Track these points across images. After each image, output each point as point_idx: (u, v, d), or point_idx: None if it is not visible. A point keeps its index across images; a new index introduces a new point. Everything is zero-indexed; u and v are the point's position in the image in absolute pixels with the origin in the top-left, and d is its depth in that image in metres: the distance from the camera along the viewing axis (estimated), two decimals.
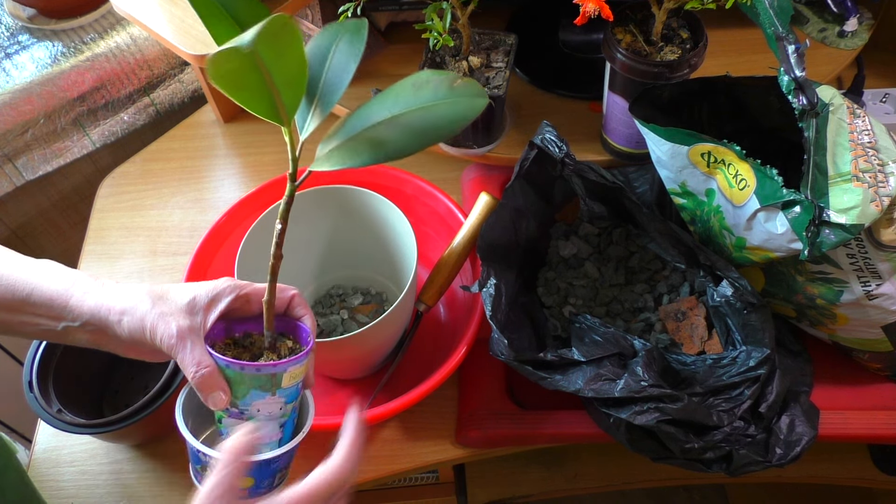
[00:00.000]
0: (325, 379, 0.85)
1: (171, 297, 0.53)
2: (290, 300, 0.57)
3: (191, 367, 0.51)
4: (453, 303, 0.89)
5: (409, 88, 0.47)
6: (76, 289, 0.54)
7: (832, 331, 0.77)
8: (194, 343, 0.52)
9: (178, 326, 0.52)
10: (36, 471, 0.81)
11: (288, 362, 0.52)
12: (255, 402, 0.52)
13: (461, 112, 0.45)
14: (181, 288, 0.54)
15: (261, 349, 0.54)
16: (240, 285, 0.55)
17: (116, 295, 0.54)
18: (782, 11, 0.68)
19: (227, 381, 0.52)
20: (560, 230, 0.90)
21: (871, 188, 0.64)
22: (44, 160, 1.05)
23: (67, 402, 0.77)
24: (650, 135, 0.76)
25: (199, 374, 0.51)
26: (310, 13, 0.95)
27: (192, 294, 0.54)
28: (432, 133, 0.45)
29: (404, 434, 0.81)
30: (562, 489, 1.09)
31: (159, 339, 0.52)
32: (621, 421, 0.71)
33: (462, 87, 0.46)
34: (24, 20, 1.03)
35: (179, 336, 0.51)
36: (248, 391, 0.51)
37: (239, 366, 0.51)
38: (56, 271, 0.56)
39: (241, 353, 0.54)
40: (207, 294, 0.54)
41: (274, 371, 0.51)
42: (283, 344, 0.55)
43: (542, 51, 1.04)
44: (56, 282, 0.55)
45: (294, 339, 0.56)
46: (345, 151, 0.47)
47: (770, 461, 0.72)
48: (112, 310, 0.53)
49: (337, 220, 0.85)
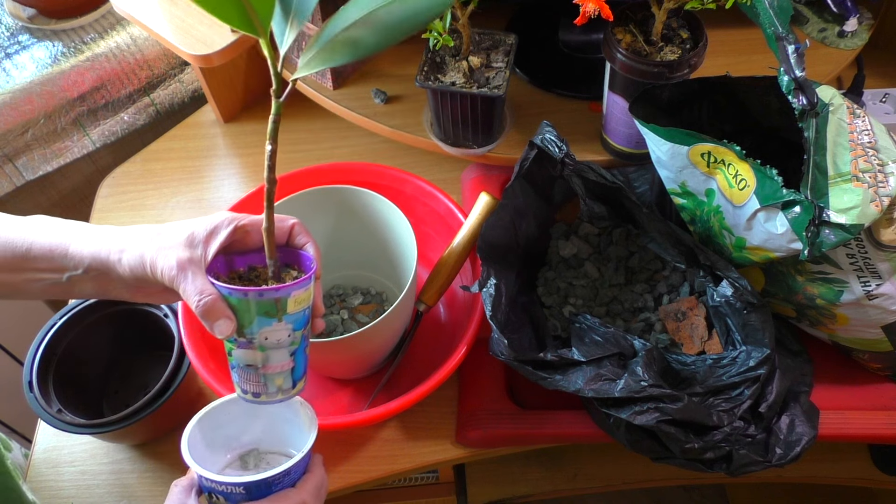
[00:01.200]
0: (325, 379, 0.85)
1: (169, 232, 0.53)
2: (291, 229, 0.56)
3: (194, 297, 0.50)
4: (453, 303, 0.89)
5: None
6: (74, 236, 0.54)
7: (832, 331, 0.77)
8: (195, 273, 0.51)
9: (178, 258, 0.51)
10: (36, 471, 0.81)
11: (292, 286, 0.51)
12: (262, 329, 0.51)
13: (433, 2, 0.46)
14: (178, 224, 0.54)
15: (266, 281, 0.54)
16: (238, 217, 0.55)
17: (114, 235, 0.54)
18: (782, 11, 0.68)
19: (233, 311, 0.51)
20: (560, 230, 0.90)
21: (870, 188, 0.64)
22: (44, 160, 1.05)
23: (67, 402, 0.77)
24: (650, 135, 0.76)
25: (202, 302, 0.50)
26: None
27: (189, 229, 0.53)
28: (405, 26, 0.46)
29: (404, 434, 0.81)
30: (562, 489, 1.09)
31: (160, 273, 0.52)
32: (621, 421, 0.71)
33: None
34: (24, 20, 1.03)
35: (180, 267, 0.51)
36: (254, 318, 0.51)
37: (242, 292, 0.50)
38: (52, 223, 0.56)
39: (247, 284, 0.53)
40: (205, 228, 0.53)
41: (277, 295, 0.51)
42: (287, 274, 0.54)
43: (542, 51, 1.03)
44: (53, 233, 0.54)
45: (299, 269, 0.55)
46: (323, 55, 0.47)
47: (770, 461, 0.72)
48: (111, 250, 0.53)
49: (337, 220, 0.85)
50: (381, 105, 0.98)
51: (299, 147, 1.06)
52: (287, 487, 0.55)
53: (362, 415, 0.75)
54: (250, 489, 0.53)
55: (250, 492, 0.53)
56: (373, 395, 0.82)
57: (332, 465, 0.79)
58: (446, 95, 0.84)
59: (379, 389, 0.82)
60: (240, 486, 0.52)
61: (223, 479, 0.52)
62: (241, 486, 0.53)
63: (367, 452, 0.80)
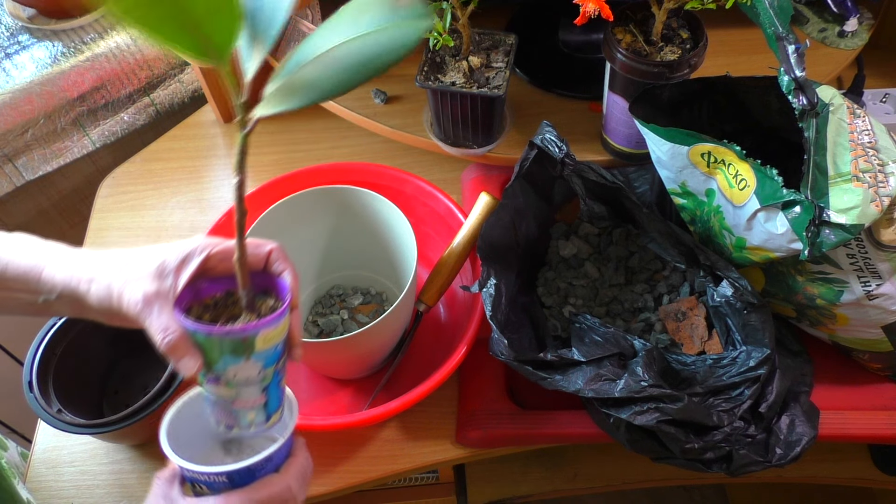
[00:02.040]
0: (325, 379, 0.85)
1: (140, 261, 0.51)
2: (268, 256, 0.53)
3: (158, 334, 0.49)
4: (453, 303, 0.89)
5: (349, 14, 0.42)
6: (47, 260, 0.53)
7: (832, 331, 0.77)
8: (161, 308, 0.49)
9: (144, 292, 0.49)
10: (36, 471, 0.81)
11: (257, 325, 0.48)
12: (229, 367, 0.49)
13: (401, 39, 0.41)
14: (150, 251, 0.52)
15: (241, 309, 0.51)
16: (211, 243, 0.52)
17: (85, 264, 0.52)
18: (782, 11, 0.68)
19: (199, 347, 0.49)
20: (560, 230, 0.90)
21: (871, 188, 0.64)
22: (44, 160, 1.05)
23: (67, 402, 0.77)
24: (650, 135, 0.76)
25: (165, 340, 0.48)
26: (310, 13, 0.95)
27: (161, 257, 0.51)
28: (368, 67, 0.41)
29: (404, 434, 0.81)
30: (562, 489, 1.09)
31: (126, 306, 0.50)
32: (621, 421, 0.71)
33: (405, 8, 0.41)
34: (24, 20, 1.02)
35: (146, 301, 0.49)
36: (221, 356, 0.49)
37: (206, 331, 0.48)
38: (29, 244, 0.55)
39: (222, 313, 0.51)
40: (177, 256, 0.51)
41: (244, 335, 0.48)
42: (263, 303, 0.52)
43: (542, 51, 1.03)
44: (28, 255, 0.53)
45: (276, 297, 0.52)
46: (280, 94, 0.42)
47: (770, 461, 0.72)
48: (81, 279, 0.52)
49: (337, 221, 0.85)
50: (381, 105, 0.98)
51: (299, 147, 1.06)
52: (270, 473, 0.53)
53: (362, 415, 0.75)
54: (233, 477, 0.51)
55: (233, 480, 0.51)
56: (373, 395, 0.82)
57: (332, 465, 0.79)
58: (446, 95, 0.84)
59: (379, 389, 0.82)
60: (222, 474, 0.51)
61: (205, 469, 0.51)
62: (224, 474, 0.51)
63: (367, 452, 0.80)
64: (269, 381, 0.52)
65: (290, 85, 0.42)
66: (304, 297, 0.90)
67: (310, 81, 0.41)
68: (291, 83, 0.42)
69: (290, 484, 0.52)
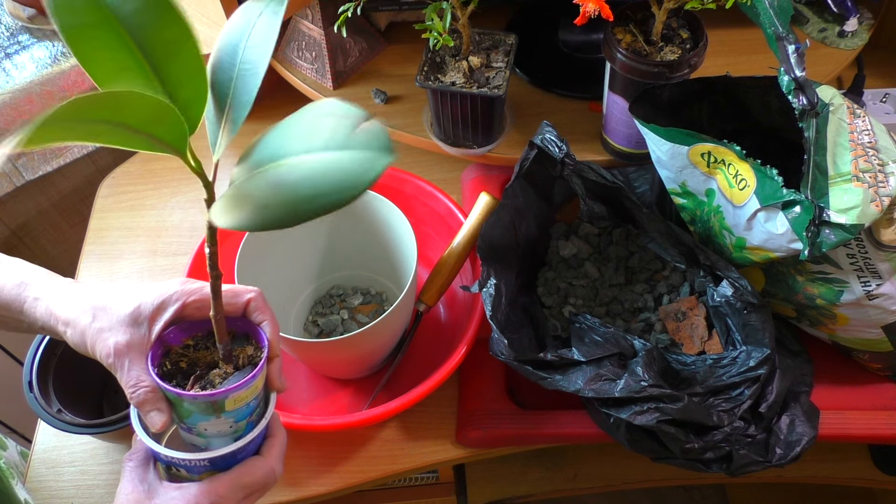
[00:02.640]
0: (325, 379, 0.85)
1: (114, 308, 0.50)
2: (246, 305, 0.53)
3: (128, 388, 0.49)
4: (453, 303, 0.89)
5: (306, 122, 0.37)
6: (28, 293, 0.54)
7: (832, 331, 0.77)
8: (133, 361, 0.49)
9: (115, 343, 0.49)
10: (35, 471, 0.81)
11: (228, 390, 0.48)
12: (200, 422, 0.49)
13: (353, 175, 0.34)
14: (127, 296, 0.51)
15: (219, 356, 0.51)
16: (188, 291, 0.51)
17: (63, 304, 0.52)
18: (782, 11, 0.68)
19: (170, 402, 0.49)
20: (560, 230, 0.90)
21: (871, 188, 0.64)
22: (44, 160, 1.05)
23: (67, 402, 0.77)
24: (650, 135, 0.76)
25: (135, 395, 0.48)
26: (310, 13, 0.95)
27: (136, 303, 0.50)
28: (312, 203, 0.34)
29: (404, 434, 0.81)
30: (562, 489, 1.09)
31: (98, 356, 0.50)
32: (621, 421, 0.71)
33: (364, 136, 0.35)
34: (24, 20, 1.02)
35: (117, 354, 0.49)
36: (191, 413, 0.49)
37: (175, 393, 0.48)
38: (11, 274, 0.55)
39: (200, 358, 0.51)
40: (153, 302, 0.50)
41: (213, 399, 0.48)
42: (241, 351, 0.51)
43: (542, 51, 1.03)
44: (11, 285, 0.54)
45: (255, 345, 0.52)
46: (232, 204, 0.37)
47: (770, 461, 0.72)
48: (59, 320, 0.52)
49: (337, 221, 0.85)
50: (381, 105, 0.98)
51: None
52: (251, 454, 0.53)
53: (362, 415, 0.75)
54: (215, 461, 0.51)
55: (215, 463, 0.51)
56: (373, 395, 0.82)
57: (332, 465, 0.79)
58: (446, 95, 0.84)
59: (379, 389, 0.82)
60: (204, 459, 0.51)
61: (187, 455, 0.50)
62: (206, 459, 0.51)
63: (367, 452, 0.80)
64: (241, 431, 0.52)
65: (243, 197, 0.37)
66: (304, 297, 0.90)
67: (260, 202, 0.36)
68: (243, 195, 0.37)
69: (273, 466, 0.52)
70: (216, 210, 0.37)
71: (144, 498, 0.49)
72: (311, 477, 0.79)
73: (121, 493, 0.50)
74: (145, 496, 0.49)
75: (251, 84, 0.40)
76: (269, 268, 0.81)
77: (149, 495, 0.49)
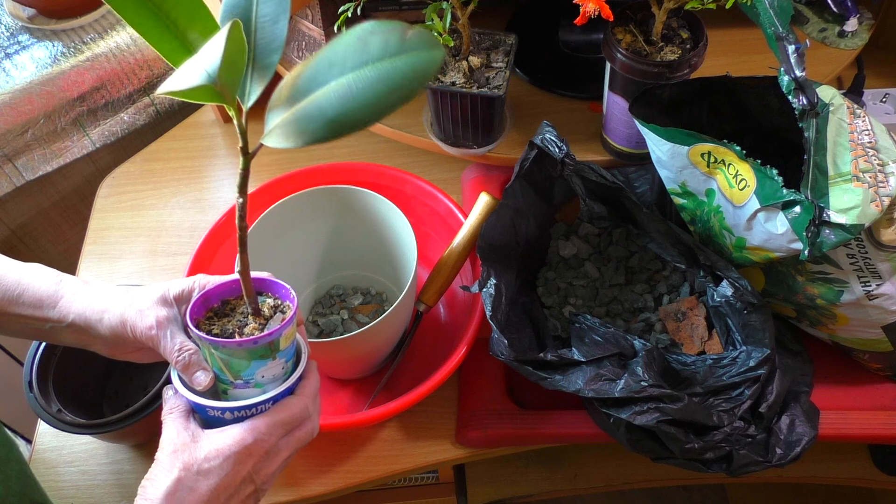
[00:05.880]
0: (326, 379, 0.85)
1: (145, 293, 0.57)
2: None
3: (174, 353, 0.54)
4: (453, 303, 0.89)
5: (354, 43, 0.40)
6: (66, 290, 0.58)
7: (832, 331, 0.77)
8: (175, 331, 0.55)
9: (157, 316, 0.55)
10: (35, 471, 0.81)
11: (281, 327, 0.52)
12: (258, 370, 0.53)
13: (418, 69, 0.39)
14: (150, 286, 0.58)
15: (244, 314, 0.55)
16: (204, 278, 0.58)
17: (98, 296, 0.58)
18: (782, 11, 0.68)
19: (225, 361, 0.53)
20: (560, 230, 0.90)
21: (871, 188, 0.64)
22: (44, 160, 1.05)
23: (67, 402, 0.77)
24: (650, 135, 0.76)
25: (181, 358, 0.54)
26: (310, 13, 0.95)
27: (163, 289, 0.57)
28: (387, 101, 0.40)
29: (404, 434, 0.81)
30: (562, 489, 1.09)
31: (140, 333, 0.55)
32: (621, 421, 0.71)
33: (415, 38, 0.39)
34: (24, 20, 1.03)
35: (159, 325, 0.55)
36: (250, 363, 0.53)
37: (236, 343, 0.52)
38: (45, 274, 0.59)
39: (225, 323, 0.55)
40: (177, 287, 0.57)
41: (271, 339, 0.52)
42: (264, 304, 0.55)
43: (542, 51, 1.03)
44: (46, 284, 0.58)
45: (273, 296, 0.56)
46: (292, 127, 0.41)
47: (770, 461, 0.72)
48: (95, 310, 0.57)
49: (337, 221, 0.85)
50: None
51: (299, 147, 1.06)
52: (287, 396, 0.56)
53: (362, 415, 0.75)
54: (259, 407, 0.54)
55: (258, 409, 0.54)
56: (373, 395, 0.82)
57: (332, 465, 0.79)
58: (446, 95, 0.84)
59: (379, 389, 0.82)
60: (249, 407, 0.54)
61: (233, 404, 0.53)
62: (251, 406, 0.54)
63: (367, 452, 0.80)
64: (289, 372, 0.56)
65: (304, 118, 0.41)
66: (304, 297, 0.90)
67: (328, 117, 0.40)
68: (303, 116, 0.41)
69: (307, 404, 0.56)
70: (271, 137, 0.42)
71: (190, 441, 0.52)
72: (311, 477, 0.79)
73: (166, 441, 0.53)
74: (191, 440, 0.52)
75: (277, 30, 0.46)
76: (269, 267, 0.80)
77: (194, 439, 0.52)
